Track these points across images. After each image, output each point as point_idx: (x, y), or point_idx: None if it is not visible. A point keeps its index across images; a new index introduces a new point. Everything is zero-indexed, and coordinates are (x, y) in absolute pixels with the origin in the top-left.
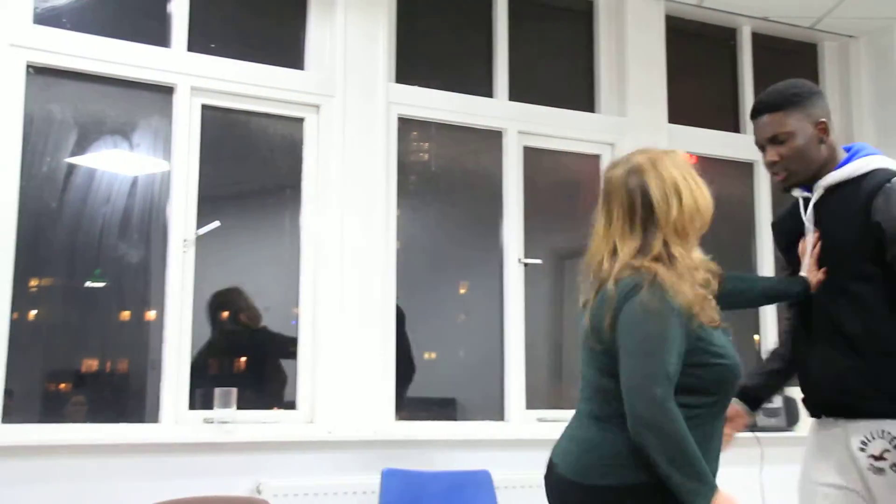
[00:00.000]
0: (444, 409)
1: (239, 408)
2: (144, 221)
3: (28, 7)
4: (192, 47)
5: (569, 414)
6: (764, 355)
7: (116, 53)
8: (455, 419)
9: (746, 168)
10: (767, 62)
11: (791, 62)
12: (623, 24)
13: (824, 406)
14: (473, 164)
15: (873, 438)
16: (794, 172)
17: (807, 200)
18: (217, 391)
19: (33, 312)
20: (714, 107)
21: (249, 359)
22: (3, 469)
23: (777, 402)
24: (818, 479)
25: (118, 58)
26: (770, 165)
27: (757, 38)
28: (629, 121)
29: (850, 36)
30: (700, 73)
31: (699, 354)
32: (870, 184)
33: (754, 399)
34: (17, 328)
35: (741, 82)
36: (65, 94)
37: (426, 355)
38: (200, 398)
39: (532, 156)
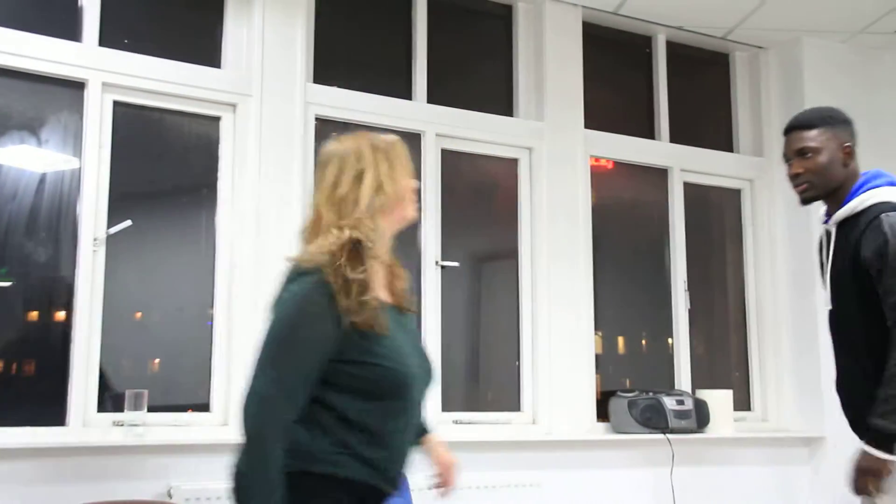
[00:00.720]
0: None
1: (150, 410)
2: (53, 219)
3: None
4: (104, 42)
5: (486, 416)
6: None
7: (25, 46)
8: None
9: (661, 174)
10: (682, 70)
11: (704, 71)
12: (541, 29)
13: (854, 429)
14: None
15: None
16: (814, 186)
17: (828, 232)
18: (128, 393)
19: None
20: (630, 113)
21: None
22: None
23: (688, 404)
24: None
25: (27, 51)
26: (793, 178)
27: (672, 46)
28: (546, 125)
29: (760, 47)
30: (616, 79)
31: (357, 356)
32: (863, 220)
33: None
34: None
35: (656, 89)
36: None
37: None
38: (111, 401)
39: (450, 158)
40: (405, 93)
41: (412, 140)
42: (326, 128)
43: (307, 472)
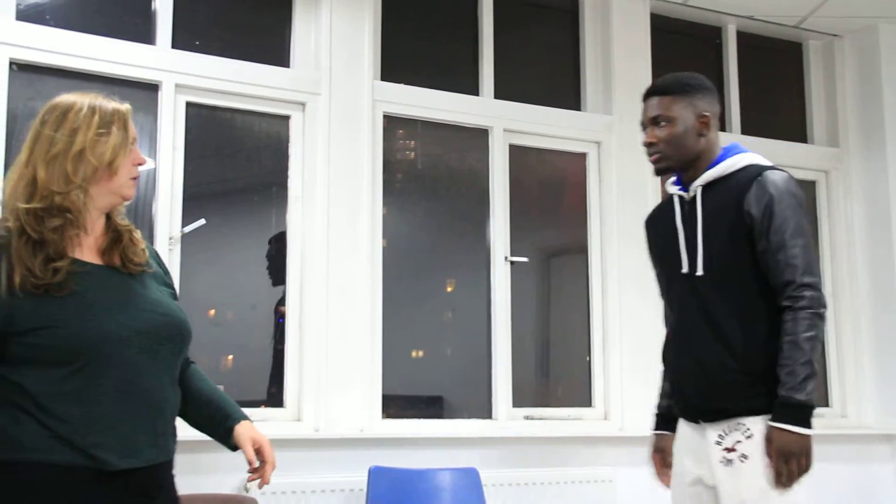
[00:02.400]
0: (431, 407)
1: None
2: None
3: (11, 4)
4: (176, 44)
5: (556, 412)
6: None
7: (100, 50)
8: (442, 417)
9: None
10: (753, 61)
11: (776, 61)
12: (609, 22)
13: (700, 413)
14: (459, 162)
15: (729, 432)
16: (667, 157)
17: (681, 198)
18: None
19: None
20: None
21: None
22: None
23: None
24: (682, 478)
25: (102, 55)
26: (647, 146)
27: (742, 36)
28: (615, 118)
29: (835, 35)
30: (686, 71)
31: (32, 324)
32: (742, 178)
33: (671, 420)
34: None
35: (727, 81)
36: (48, 91)
37: (413, 353)
38: None
39: (518, 154)
40: (472, 88)
41: (480, 136)
42: (394, 125)
43: (9, 462)
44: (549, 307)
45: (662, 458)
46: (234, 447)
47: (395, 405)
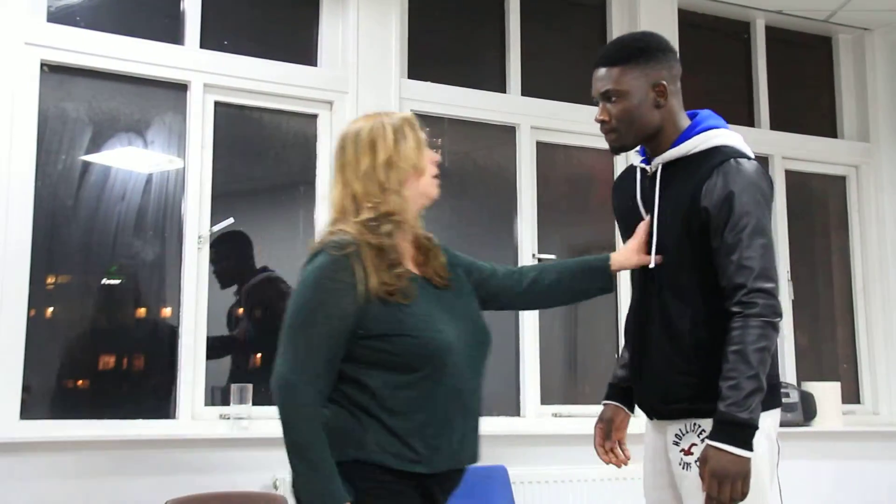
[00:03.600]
0: None
1: (254, 404)
2: (159, 218)
3: (42, 5)
4: (205, 44)
5: (585, 409)
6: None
7: (130, 51)
8: None
9: (762, 162)
10: (782, 56)
11: (805, 55)
12: (636, 18)
13: (652, 410)
14: (486, 159)
15: (686, 433)
16: (623, 134)
17: (643, 171)
18: (233, 387)
19: (50, 310)
20: (727, 101)
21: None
22: (22, 464)
23: (794, 396)
24: (650, 480)
25: (132, 55)
26: (600, 124)
27: (771, 31)
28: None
29: (866, 29)
30: (713, 66)
31: (382, 329)
32: (704, 164)
33: (628, 392)
34: (34, 325)
35: (755, 76)
36: (79, 92)
37: None
38: (219, 394)
39: (545, 151)
40: (499, 86)
41: (507, 133)
42: (422, 123)
43: (357, 461)
44: (576, 305)
45: (604, 430)
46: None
47: None
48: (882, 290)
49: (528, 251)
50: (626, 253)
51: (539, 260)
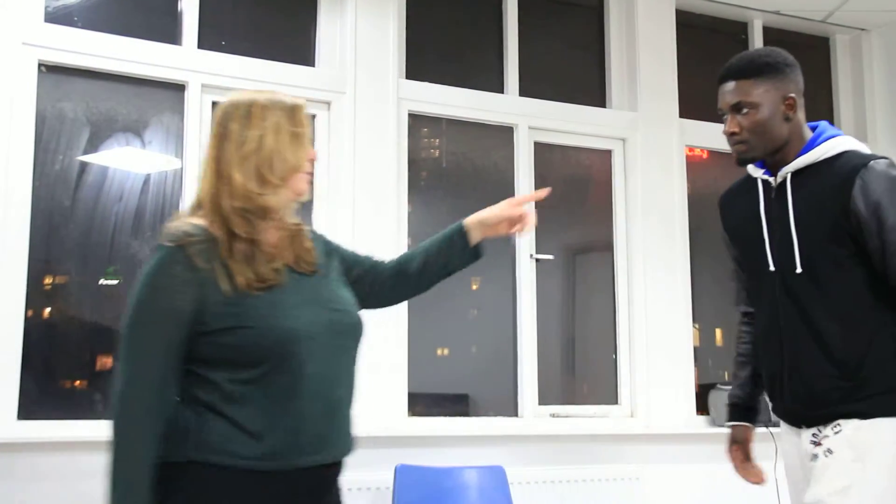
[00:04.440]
0: (456, 405)
1: None
2: (157, 219)
3: (39, 6)
4: (202, 44)
5: (582, 410)
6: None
7: (128, 51)
8: (468, 415)
9: None
10: None
11: (803, 56)
12: (633, 19)
13: (799, 418)
14: (484, 159)
15: (823, 430)
16: (753, 147)
17: (766, 183)
18: None
19: (47, 310)
20: None
21: None
22: (19, 465)
23: None
24: (796, 486)
25: (129, 56)
26: (729, 136)
27: (768, 31)
28: (640, 115)
29: (863, 29)
30: (711, 67)
31: (225, 322)
32: (844, 168)
33: (748, 410)
34: (32, 326)
35: None
36: (76, 92)
37: (438, 351)
38: None
39: (543, 151)
40: (497, 86)
41: (504, 133)
42: (419, 123)
43: (198, 462)
44: (574, 304)
45: (742, 451)
46: (478, 250)
47: (420, 403)
48: None
49: (525, 251)
50: (491, 217)
51: (537, 261)
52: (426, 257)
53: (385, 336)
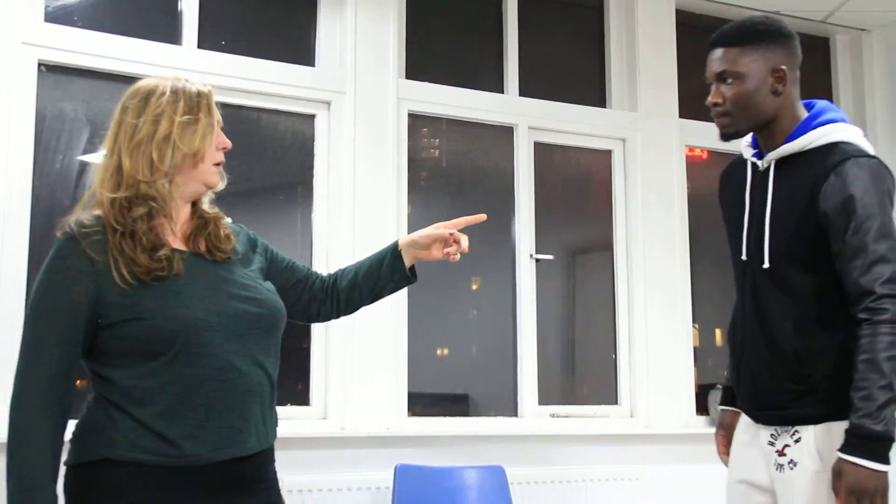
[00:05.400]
0: (456, 405)
1: None
2: None
3: (39, 5)
4: (202, 44)
5: (582, 409)
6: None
7: (127, 51)
8: (468, 415)
9: None
10: None
11: (803, 56)
12: (633, 19)
13: (752, 414)
14: (484, 159)
15: (780, 434)
16: (736, 120)
17: (756, 167)
18: None
19: None
20: None
21: None
22: None
23: None
24: (735, 474)
25: (129, 55)
26: (712, 106)
27: None
28: (640, 116)
29: (863, 29)
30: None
31: (121, 315)
32: (822, 163)
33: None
34: None
35: None
36: (76, 92)
37: (438, 351)
38: None
39: (543, 151)
40: (497, 86)
41: (504, 133)
42: (419, 123)
43: (106, 460)
44: (574, 305)
45: (725, 436)
46: (412, 274)
47: (420, 403)
48: None
49: (525, 251)
50: (422, 238)
51: (537, 261)
52: (356, 276)
53: (385, 336)
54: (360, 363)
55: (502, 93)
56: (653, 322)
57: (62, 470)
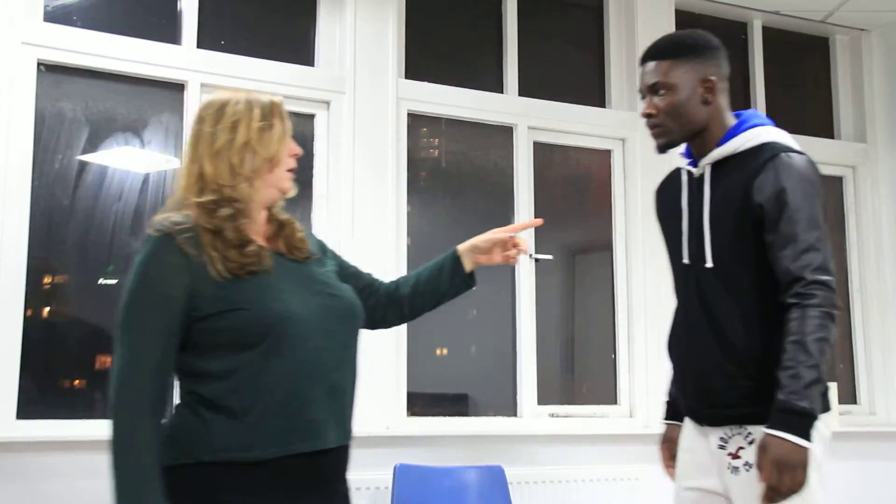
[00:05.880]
0: (456, 404)
1: None
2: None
3: (39, 5)
4: (202, 44)
5: (581, 409)
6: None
7: (127, 51)
8: (467, 415)
9: None
10: (779, 56)
11: (802, 56)
12: (633, 19)
13: (700, 416)
14: (483, 159)
15: (732, 436)
16: (669, 129)
17: (690, 174)
18: None
19: (47, 309)
20: None
21: None
22: (19, 464)
23: None
24: (683, 482)
25: (129, 55)
26: (646, 117)
27: (768, 31)
28: (639, 115)
29: (863, 29)
30: None
31: (218, 308)
32: (755, 160)
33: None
34: (31, 325)
35: (752, 77)
36: (76, 92)
37: (438, 351)
38: None
39: (543, 151)
40: (496, 86)
41: (504, 133)
42: (418, 123)
43: (200, 462)
44: (573, 304)
45: (670, 449)
46: (471, 278)
47: (420, 403)
48: (878, 291)
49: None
50: (483, 242)
51: (536, 261)
52: (417, 282)
53: (385, 336)
54: (359, 363)
55: (502, 93)
56: (652, 321)
57: None
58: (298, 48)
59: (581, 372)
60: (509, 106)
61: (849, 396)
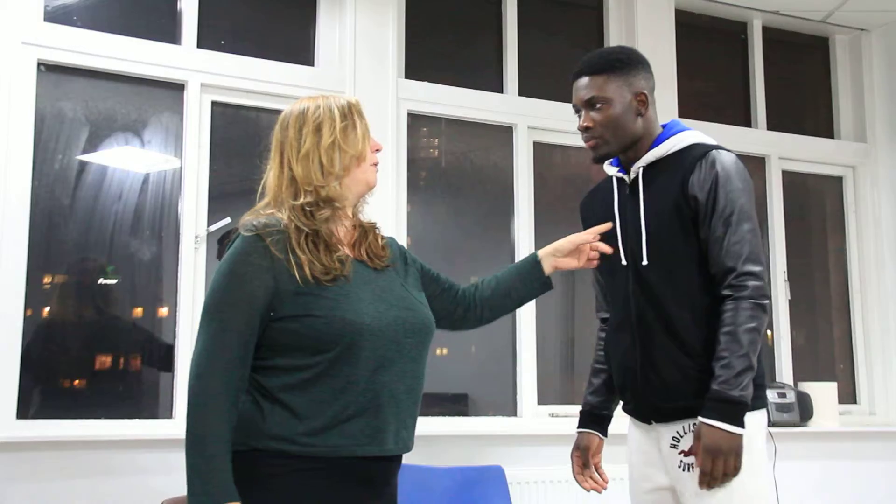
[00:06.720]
0: (456, 404)
1: None
2: (156, 218)
3: (39, 5)
4: (202, 44)
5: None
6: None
7: (127, 51)
8: (467, 415)
9: (759, 162)
10: (779, 56)
11: (802, 56)
12: (633, 19)
13: (654, 412)
14: (483, 159)
15: (685, 434)
16: (606, 142)
17: (620, 181)
18: None
19: (46, 309)
20: (724, 101)
21: None
22: (18, 464)
23: (790, 396)
24: (643, 485)
25: (129, 55)
26: (583, 131)
27: (768, 31)
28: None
29: (863, 29)
30: (711, 67)
31: (296, 311)
32: (686, 159)
33: (598, 418)
34: (31, 325)
35: (752, 77)
36: (76, 92)
37: (438, 351)
38: None
39: (542, 151)
40: (496, 86)
41: (504, 133)
42: (418, 122)
43: (255, 450)
44: (573, 304)
45: (581, 458)
46: (549, 281)
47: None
48: (878, 291)
49: (525, 251)
50: (565, 245)
51: None
52: (497, 285)
53: None
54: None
55: (502, 92)
56: None
57: None
58: (298, 48)
59: (581, 371)
60: (509, 106)
61: (849, 396)
